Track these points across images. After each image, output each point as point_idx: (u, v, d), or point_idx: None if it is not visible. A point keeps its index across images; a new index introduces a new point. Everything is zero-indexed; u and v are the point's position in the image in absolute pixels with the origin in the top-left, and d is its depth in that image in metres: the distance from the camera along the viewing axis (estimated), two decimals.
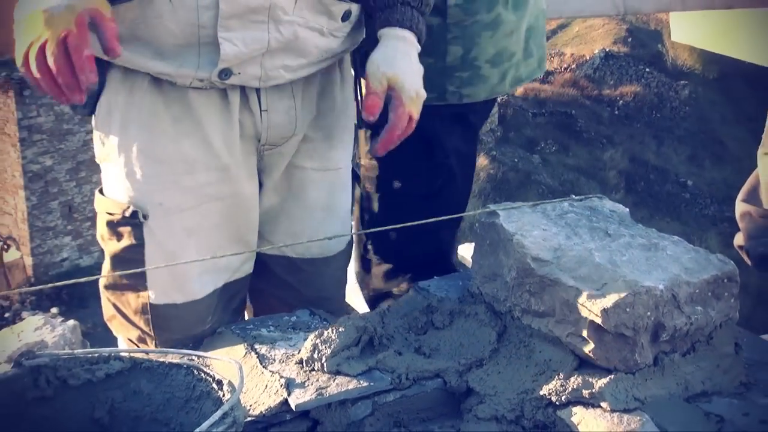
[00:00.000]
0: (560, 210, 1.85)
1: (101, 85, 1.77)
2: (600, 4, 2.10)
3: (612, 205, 1.88)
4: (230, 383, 1.18)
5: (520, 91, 32.97)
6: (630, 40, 32.64)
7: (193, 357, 1.25)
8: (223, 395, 1.19)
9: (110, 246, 1.91)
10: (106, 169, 1.89)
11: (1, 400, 1.17)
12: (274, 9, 1.74)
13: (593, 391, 1.53)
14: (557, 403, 1.54)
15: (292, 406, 1.52)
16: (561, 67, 32.41)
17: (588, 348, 1.56)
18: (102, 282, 1.95)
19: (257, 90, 1.85)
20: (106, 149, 1.87)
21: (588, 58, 32.64)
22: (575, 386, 1.54)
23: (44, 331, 1.48)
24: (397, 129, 1.84)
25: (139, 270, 1.79)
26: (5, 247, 4.44)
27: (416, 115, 1.86)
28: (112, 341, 2.10)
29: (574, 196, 1.94)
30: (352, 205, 2.31)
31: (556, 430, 1.54)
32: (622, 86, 32.11)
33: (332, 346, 1.61)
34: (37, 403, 1.21)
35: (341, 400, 1.56)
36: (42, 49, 1.47)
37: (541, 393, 1.55)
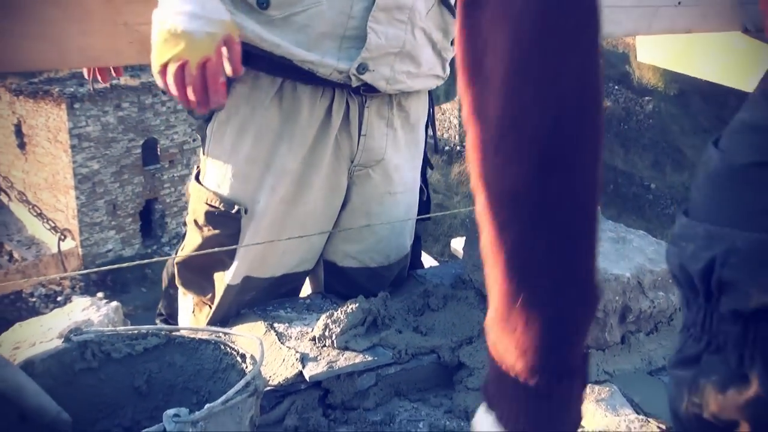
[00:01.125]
0: None
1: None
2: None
3: None
4: (252, 357, 1.18)
5: None
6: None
7: (220, 334, 1.25)
8: (246, 367, 1.19)
9: (205, 231, 1.86)
10: (213, 165, 1.84)
11: (52, 371, 1.18)
12: (413, 11, 1.70)
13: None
14: None
15: (306, 378, 1.52)
16: None
17: None
18: (182, 253, 1.93)
19: (360, 112, 1.81)
20: (217, 150, 1.83)
21: None
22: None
23: (91, 311, 1.48)
24: None
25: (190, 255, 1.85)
26: (62, 236, 4.46)
27: None
28: (151, 322, 2.10)
29: None
30: None
31: None
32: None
33: (341, 326, 1.62)
34: (84, 374, 1.21)
35: (349, 372, 1.56)
36: (181, 68, 1.46)
37: None
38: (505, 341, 0.71)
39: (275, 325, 1.70)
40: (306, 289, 2.11)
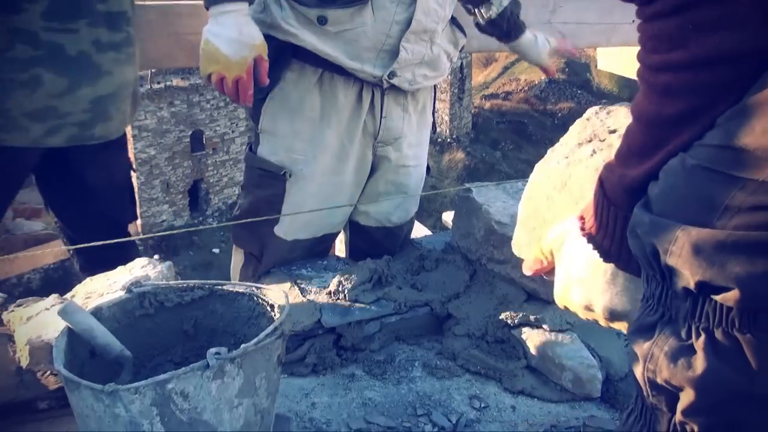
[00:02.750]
0: (516, 188, 1.84)
1: (274, 83, 1.78)
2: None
3: None
4: (279, 307, 1.17)
5: (488, 104, 32.95)
6: (566, 69, 32.58)
7: (254, 288, 1.25)
8: (275, 315, 1.19)
9: (256, 192, 1.92)
10: (265, 138, 1.89)
11: (117, 317, 1.18)
12: (433, 33, 1.78)
13: (537, 316, 1.52)
14: (511, 324, 1.54)
15: (323, 324, 1.52)
16: (517, 89, 32.33)
17: (534, 286, 1.55)
18: (237, 213, 1.98)
19: (382, 100, 1.86)
20: (269, 125, 1.87)
21: (536, 82, 32.56)
22: (524, 313, 1.54)
23: (148, 269, 1.48)
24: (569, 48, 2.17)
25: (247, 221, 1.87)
26: None
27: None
28: (196, 278, 2.11)
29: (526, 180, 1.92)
30: None
31: (510, 344, 1.54)
32: (561, 103, 32.07)
33: (352, 282, 1.61)
34: (143, 319, 1.21)
35: (358, 320, 1.57)
36: (220, 80, 1.59)
37: (500, 317, 1.55)
38: None
39: (298, 281, 1.70)
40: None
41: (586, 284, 0.83)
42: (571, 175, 1.40)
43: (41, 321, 1.33)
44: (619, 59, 2.98)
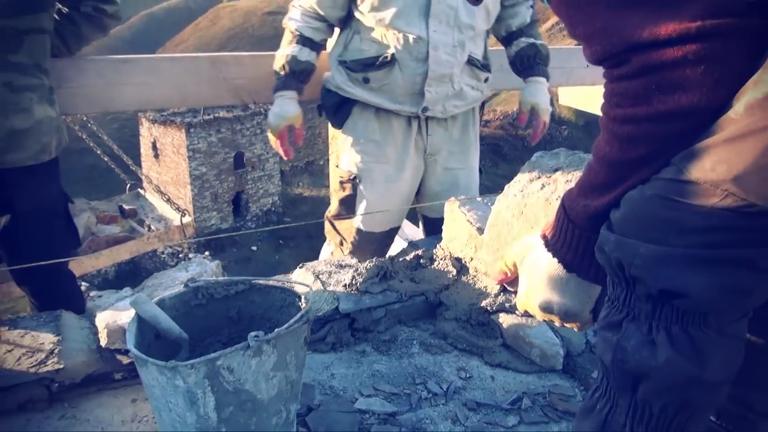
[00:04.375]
0: (492, 200, 1.82)
1: (346, 117, 1.98)
2: (516, 81, 2.11)
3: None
4: (306, 297, 1.17)
5: None
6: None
7: (285, 282, 1.25)
8: (302, 305, 1.18)
9: (339, 194, 2.07)
10: (342, 154, 2.03)
11: (176, 306, 1.18)
12: (452, 75, 1.88)
13: (511, 304, 1.52)
14: (490, 310, 1.53)
15: (340, 311, 1.52)
16: (494, 118, 32.22)
17: None
18: (328, 214, 2.14)
19: (427, 124, 1.98)
20: (345, 144, 2.01)
21: (510, 112, 32.47)
22: (501, 301, 1.53)
23: (201, 267, 1.48)
24: (540, 129, 2.10)
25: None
26: (183, 214, 4.41)
27: (548, 122, 2.10)
28: (239, 272, 2.16)
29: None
30: None
31: (489, 327, 1.53)
32: (529, 129, 31.95)
33: (363, 277, 1.61)
34: (197, 308, 1.20)
35: (368, 307, 1.56)
36: (274, 140, 1.97)
37: (481, 305, 1.54)
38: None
39: (320, 276, 1.69)
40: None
41: (545, 290, 0.82)
42: (527, 204, 1.41)
43: (117, 309, 1.34)
44: (576, 95, 3.00)
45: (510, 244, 1.16)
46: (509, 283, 0.96)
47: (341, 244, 2.12)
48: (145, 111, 23.06)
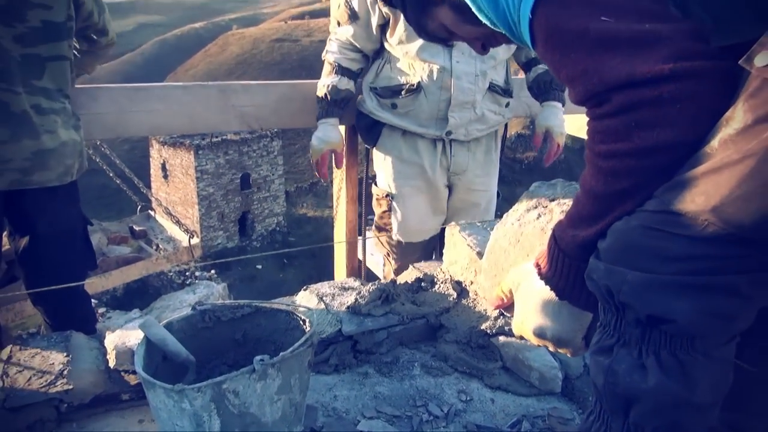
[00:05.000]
0: (492, 225, 1.83)
1: (377, 139, 2.07)
2: (520, 108, 2.14)
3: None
4: (309, 321, 1.17)
5: None
6: (531, 126, 32.69)
7: (289, 306, 1.24)
8: (306, 328, 1.18)
9: (377, 209, 2.16)
10: (378, 172, 2.13)
11: (184, 329, 1.17)
12: (474, 102, 1.95)
13: (510, 327, 1.51)
14: (490, 333, 1.52)
15: (343, 333, 1.51)
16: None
17: None
18: (373, 226, 2.24)
19: (451, 146, 2.05)
20: (378, 163, 2.12)
21: (508, 137, 32.64)
22: (500, 324, 1.52)
23: (208, 290, 1.48)
24: (554, 151, 2.17)
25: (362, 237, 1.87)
26: (191, 235, 4.38)
27: (562, 145, 2.17)
28: (244, 290, 2.15)
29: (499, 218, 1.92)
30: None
31: (489, 349, 1.52)
32: (526, 152, 32.05)
33: (366, 299, 1.60)
34: (203, 330, 1.20)
35: (370, 330, 1.55)
36: (314, 162, 2.06)
37: (481, 328, 1.53)
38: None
39: (324, 298, 1.69)
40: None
41: (538, 317, 0.83)
42: (523, 233, 1.41)
43: (125, 331, 1.34)
44: (572, 123, 3.02)
45: (506, 270, 1.17)
46: (506, 309, 0.96)
47: (388, 255, 2.23)
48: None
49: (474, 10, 0.80)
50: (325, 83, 2.01)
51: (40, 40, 1.61)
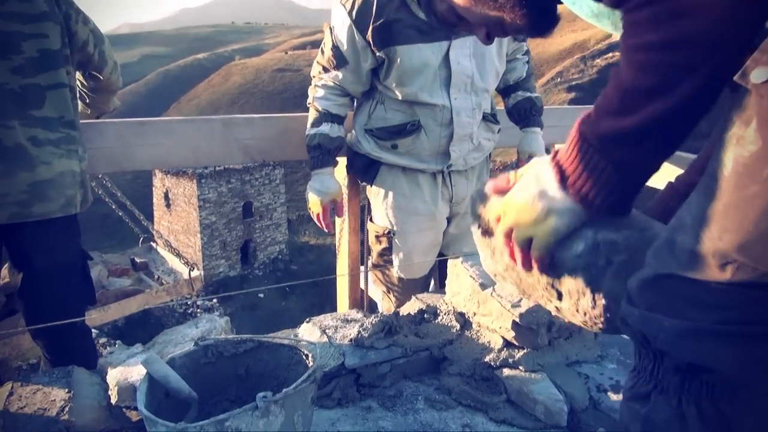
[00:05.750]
0: None
1: (375, 176, 2.03)
2: (511, 139, 2.17)
3: None
4: (312, 356, 1.17)
5: None
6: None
7: (292, 339, 1.24)
8: (309, 363, 1.18)
9: (376, 247, 2.12)
10: (375, 211, 2.10)
11: (186, 365, 1.17)
12: (472, 134, 1.97)
13: (514, 359, 1.50)
14: (494, 366, 1.51)
15: (346, 366, 1.50)
16: (494, 168, 32.62)
17: (511, 335, 1.53)
18: (370, 264, 2.21)
19: (450, 177, 2.05)
20: (376, 201, 2.08)
21: (509, 162, 32.89)
22: (504, 356, 1.51)
23: (210, 324, 1.48)
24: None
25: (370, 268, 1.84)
26: (191, 268, 4.34)
27: None
28: (247, 318, 2.13)
29: None
30: None
31: (493, 382, 1.51)
32: None
33: (369, 332, 1.60)
34: (206, 366, 1.20)
35: (374, 363, 1.54)
36: (316, 215, 1.98)
37: (485, 360, 1.52)
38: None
39: (327, 331, 1.68)
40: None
41: (535, 201, 0.77)
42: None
43: (127, 367, 1.33)
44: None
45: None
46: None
47: (388, 291, 2.19)
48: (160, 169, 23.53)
49: None
50: (315, 132, 1.94)
51: (39, 69, 1.62)
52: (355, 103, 2.07)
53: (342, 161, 2.31)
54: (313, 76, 1.99)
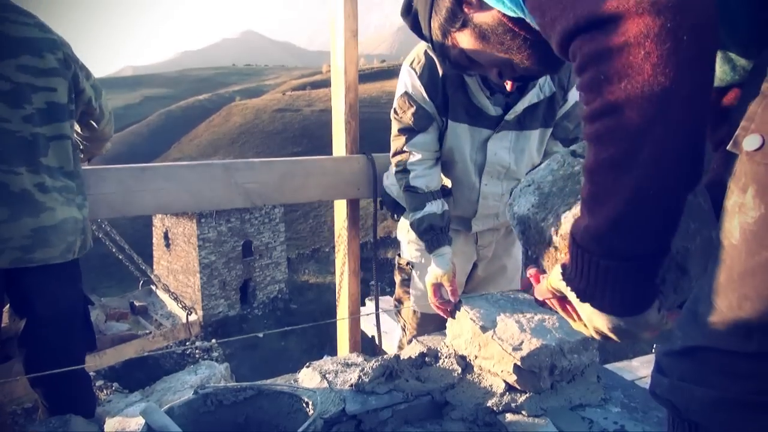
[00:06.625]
0: (496, 298, 1.83)
1: (402, 209, 2.05)
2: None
3: (523, 296, 1.86)
4: (313, 403, 1.16)
5: None
6: None
7: (292, 386, 1.23)
8: (309, 410, 1.17)
9: (398, 278, 2.14)
10: (402, 244, 2.12)
11: (185, 414, 1.16)
12: (498, 214, 1.99)
13: (517, 404, 1.49)
14: (497, 411, 1.49)
15: (347, 412, 1.49)
16: None
17: (513, 378, 1.52)
18: (394, 297, 2.23)
19: (477, 237, 2.08)
20: (401, 234, 2.11)
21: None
22: (507, 401, 1.50)
23: (210, 371, 1.47)
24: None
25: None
26: (190, 311, 4.27)
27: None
28: (247, 358, 2.10)
29: (506, 292, 1.93)
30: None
31: (496, 427, 1.49)
32: None
33: (369, 377, 1.58)
34: (206, 414, 1.19)
35: (374, 408, 1.52)
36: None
37: (488, 404, 1.51)
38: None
39: (327, 375, 1.67)
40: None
41: (603, 317, 0.71)
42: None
43: (126, 417, 1.32)
44: None
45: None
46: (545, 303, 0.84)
47: (404, 328, 2.20)
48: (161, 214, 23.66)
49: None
50: (422, 215, 1.83)
51: (45, 120, 1.68)
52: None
53: (341, 204, 2.33)
54: (397, 161, 1.88)
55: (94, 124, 1.95)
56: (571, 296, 0.72)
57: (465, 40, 0.99)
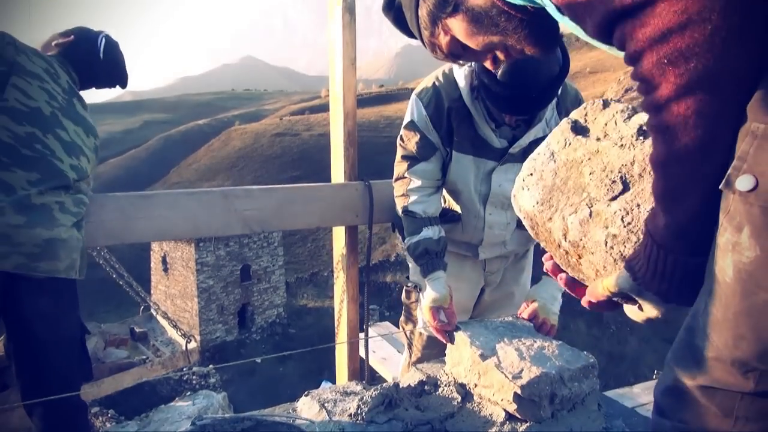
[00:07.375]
0: (495, 325, 1.83)
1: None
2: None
3: (522, 322, 1.86)
4: None
5: None
6: None
7: (290, 416, 1.22)
8: None
9: (406, 301, 2.15)
10: (410, 267, 2.12)
11: None
12: (504, 242, 2.01)
13: None
14: None
15: None
16: None
17: (513, 407, 1.51)
18: (401, 319, 2.23)
19: (486, 263, 2.10)
20: (409, 257, 2.05)
21: None
22: (507, 430, 1.48)
23: (207, 401, 1.45)
24: (541, 329, 1.84)
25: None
26: (189, 339, 4.25)
27: (549, 323, 1.85)
28: (244, 384, 2.08)
29: (500, 318, 1.92)
30: None
31: None
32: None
33: (368, 406, 1.57)
34: None
35: None
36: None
37: None
38: None
39: (325, 404, 1.65)
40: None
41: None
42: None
43: None
44: None
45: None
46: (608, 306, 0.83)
47: (410, 347, 2.20)
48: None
49: None
50: (418, 240, 1.86)
51: (81, 176, 1.84)
52: None
53: (339, 230, 2.33)
54: (398, 186, 1.93)
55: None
56: (646, 298, 0.69)
57: (457, 25, 0.94)
